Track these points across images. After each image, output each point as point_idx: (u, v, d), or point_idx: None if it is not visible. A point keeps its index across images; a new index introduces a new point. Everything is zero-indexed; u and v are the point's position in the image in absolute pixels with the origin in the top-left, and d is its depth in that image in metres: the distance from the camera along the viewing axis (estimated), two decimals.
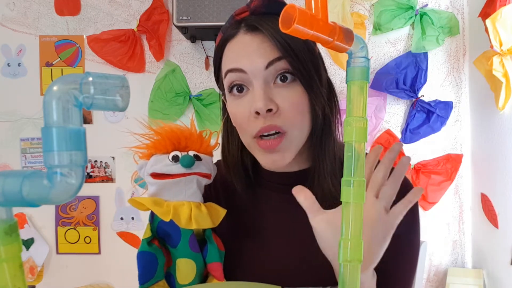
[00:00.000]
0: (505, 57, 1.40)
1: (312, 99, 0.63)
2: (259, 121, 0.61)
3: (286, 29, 0.35)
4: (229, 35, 0.64)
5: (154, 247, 0.62)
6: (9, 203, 0.31)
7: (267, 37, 0.61)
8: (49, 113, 0.30)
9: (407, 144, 1.84)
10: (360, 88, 0.39)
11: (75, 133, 0.30)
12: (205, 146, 0.68)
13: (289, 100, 0.61)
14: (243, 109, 0.63)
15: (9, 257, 0.31)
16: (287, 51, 0.60)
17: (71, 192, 0.30)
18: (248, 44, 0.62)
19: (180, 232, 0.63)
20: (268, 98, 0.60)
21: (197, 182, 0.64)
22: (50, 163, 0.30)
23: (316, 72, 0.63)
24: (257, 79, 0.61)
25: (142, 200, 0.63)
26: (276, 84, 0.62)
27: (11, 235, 0.32)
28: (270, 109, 0.60)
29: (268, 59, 0.60)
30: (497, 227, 1.57)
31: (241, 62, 0.62)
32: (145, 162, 0.66)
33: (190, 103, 1.91)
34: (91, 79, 0.30)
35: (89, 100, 0.30)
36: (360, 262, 0.40)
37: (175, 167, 0.62)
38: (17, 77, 1.97)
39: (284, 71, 0.61)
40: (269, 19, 0.62)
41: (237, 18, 0.65)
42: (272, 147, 0.62)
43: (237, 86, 0.64)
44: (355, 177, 0.39)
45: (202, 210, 0.63)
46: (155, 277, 0.62)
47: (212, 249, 0.64)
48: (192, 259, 0.63)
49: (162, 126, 0.66)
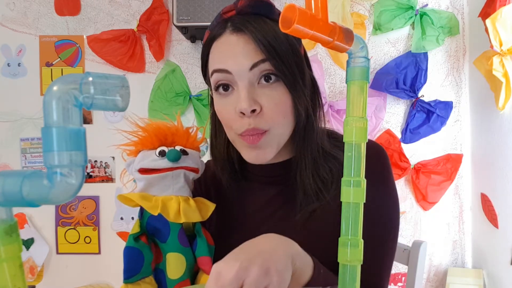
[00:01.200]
0: (505, 57, 1.40)
1: (295, 99, 0.65)
2: (244, 121, 0.63)
3: (286, 29, 0.35)
4: (216, 34, 0.66)
5: (140, 243, 0.63)
6: (9, 203, 0.31)
7: (252, 39, 0.62)
8: (49, 113, 0.30)
9: (407, 144, 1.84)
10: (360, 88, 0.40)
11: (75, 133, 0.30)
12: (191, 141, 0.70)
13: (272, 100, 0.64)
14: (228, 107, 0.65)
15: (9, 257, 0.31)
16: (271, 53, 0.62)
17: (71, 192, 0.30)
18: (234, 45, 0.64)
19: (169, 227, 0.63)
20: (252, 99, 0.62)
21: (184, 176, 0.65)
22: (50, 163, 0.30)
23: (299, 72, 0.66)
24: (242, 80, 0.63)
25: (131, 196, 0.64)
26: (261, 84, 0.64)
27: (11, 235, 0.32)
28: (254, 110, 0.62)
29: (253, 61, 0.62)
30: (497, 227, 1.57)
31: (226, 63, 0.64)
32: (133, 159, 0.67)
33: (190, 103, 1.91)
34: (91, 79, 0.30)
35: (89, 100, 0.30)
36: (360, 262, 0.40)
37: (162, 161, 0.64)
38: (17, 77, 1.97)
39: (268, 72, 0.63)
40: (255, 20, 0.64)
41: (224, 16, 0.67)
42: (254, 142, 0.64)
43: (222, 85, 0.66)
44: (355, 177, 0.39)
45: (190, 204, 0.64)
46: (141, 273, 0.63)
47: (202, 243, 0.65)
48: (182, 253, 0.64)
49: (149, 123, 0.68)
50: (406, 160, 1.82)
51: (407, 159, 1.83)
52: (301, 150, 0.70)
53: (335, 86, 1.84)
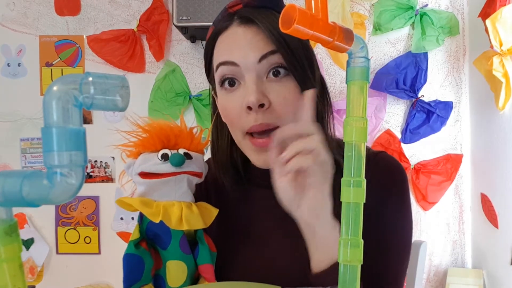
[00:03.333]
0: (505, 57, 1.40)
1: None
2: (251, 116, 0.59)
3: (286, 29, 0.35)
4: (221, 28, 0.63)
5: (141, 250, 0.60)
6: (9, 203, 0.31)
7: (261, 29, 0.59)
8: (49, 113, 0.30)
9: (407, 144, 1.84)
10: (360, 88, 0.40)
11: (75, 133, 0.30)
12: (195, 144, 0.65)
13: (282, 96, 0.60)
14: (234, 103, 0.61)
15: (9, 257, 0.31)
16: (282, 44, 0.58)
17: (71, 192, 0.30)
18: (241, 37, 0.60)
19: (170, 234, 0.60)
20: (260, 93, 0.58)
21: (187, 181, 0.62)
22: (50, 163, 0.30)
23: (310, 68, 0.62)
24: (250, 72, 0.59)
25: (130, 201, 0.60)
26: (269, 79, 0.60)
27: (11, 235, 0.32)
28: (262, 104, 0.58)
29: (262, 52, 0.59)
30: (497, 227, 1.57)
31: (233, 54, 0.60)
32: (133, 161, 0.63)
33: (190, 103, 1.91)
34: (91, 79, 0.30)
35: (89, 100, 0.30)
36: (360, 262, 0.40)
37: (165, 166, 0.59)
38: (17, 77, 1.97)
39: (278, 66, 0.60)
40: (263, 12, 0.61)
41: (230, 10, 0.64)
42: (264, 145, 0.60)
43: (228, 80, 0.62)
44: (355, 177, 0.39)
45: (193, 210, 0.61)
46: (142, 280, 0.60)
47: (204, 250, 0.62)
48: (183, 261, 0.61)
49: (150, 123, 0.64)
50: (406, 160, 1.82)
51: (407, 159, 1.83)
52: None
53: (335, 86, 1.84)
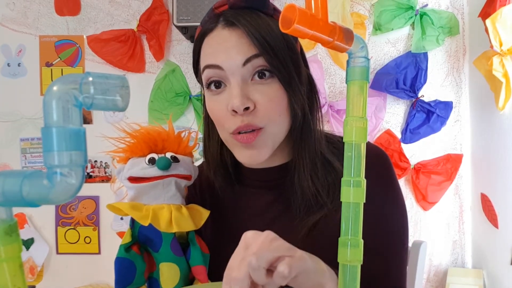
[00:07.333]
0: (505, 57, 1.40)
1: (290, 97, 0.62)
2: (236, 119, 0.60)
3: (286, 29, 0.35)
4: (207, 29, 0.63)
5: (132, 254, 0.61)
6: (9, 203, 0.31)
7: (245, 33, 0.60)
8: (49, 113, 0.30)
9: (407, 144, 1.84)
10: (360, 88, 0.39)
11: (75, 133, 0.30)
12: (183, 147, 0.67)
13: (267, 97, 0.60)
14: (220, 105, 0.62)
15: (9, 257, 0.31)
16: (265, 48, 0.59)
17: (71, 192, 0.30)
18: (226, 40, 0.61)
19: (161, 236, 0.61)
20: (245, 96, 0.59)
21: (175, 184, 0.63)
22: (50, 163, 0.30)
23: (295, 69, 0.63)
24: (234, 76, 0.60)
25: (120, 205, 0.61)
26: (254, 81, 0.61)
27: (11, 235, 0.32)
28: (247, 107, 0.59)
29: (246, 56, 0.59)
30: (497, 227, 1.57)
31: (218, 58, 0.61)
32: (122, 167, 0.65)
33: (190, 103, 1.91)
34: (91, 79, 0.30)
35: (89, 100, 0.30)
36: (360, 262, 0.40)
37: (152, 170, 0.61)
38: (17, 77, 1.97)
39: (262, 68, 0.60)
40: (248, 14, 0.61)
41: (216, 11, 0.64)
42: (249, 141, 0.61)
43: (214, 82, 0.63)
44: (355, 177, 0.39)
45: (183, 212, 0.62)
46: (134, 283, 0.61)
47: (195, 252, 0.63)
48: (176, 263, 0.62)
49: (138, 129, 0.65)
50: (406, 160, 1.82)
51: (407, 159, 1.83)
52: (298, 151, 0.66)
53: (335, 86, 1.84)
